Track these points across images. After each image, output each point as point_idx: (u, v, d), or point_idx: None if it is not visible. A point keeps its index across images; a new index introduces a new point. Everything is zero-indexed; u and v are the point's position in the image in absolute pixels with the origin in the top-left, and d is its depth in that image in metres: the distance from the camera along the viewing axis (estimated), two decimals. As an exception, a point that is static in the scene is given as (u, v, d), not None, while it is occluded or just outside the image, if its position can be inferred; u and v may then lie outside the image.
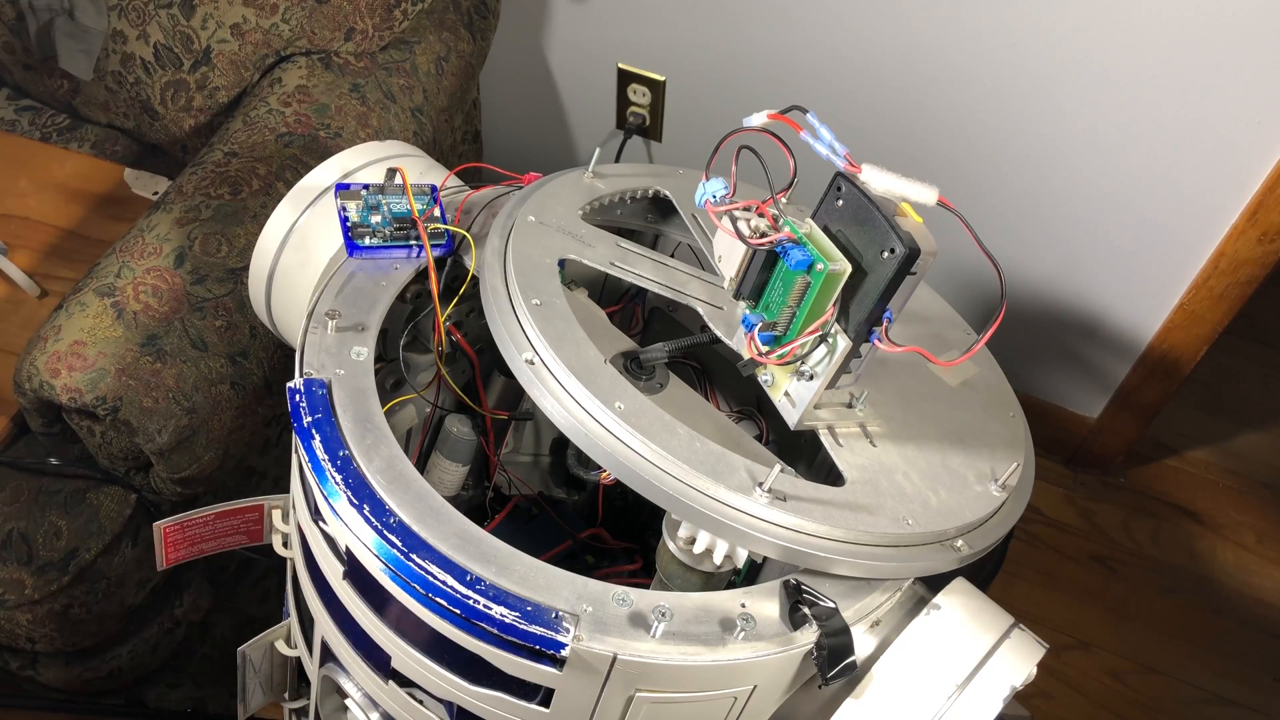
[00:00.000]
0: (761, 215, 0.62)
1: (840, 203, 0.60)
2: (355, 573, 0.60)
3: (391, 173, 0.74)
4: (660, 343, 0.67)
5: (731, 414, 0.86)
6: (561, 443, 0.86)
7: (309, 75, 1.15)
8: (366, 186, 0.73)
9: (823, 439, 0.64)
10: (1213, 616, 1.46)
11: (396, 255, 0.72)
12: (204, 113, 1.20)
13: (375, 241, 0.71)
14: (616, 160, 1.56)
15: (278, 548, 0.75)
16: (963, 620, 0.60)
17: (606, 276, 0.71)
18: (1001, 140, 1.33)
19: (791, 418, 0.64)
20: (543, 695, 0.57)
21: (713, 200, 0.62)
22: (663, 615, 0.53)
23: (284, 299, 0.76)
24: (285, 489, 0.73)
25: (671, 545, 0.63)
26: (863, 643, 0.59)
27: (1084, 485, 1.61)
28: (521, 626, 0.52)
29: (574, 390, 0.59)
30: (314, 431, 0.59)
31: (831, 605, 0.57)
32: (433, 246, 0.72)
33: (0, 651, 1.06)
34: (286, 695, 0.86)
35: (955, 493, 0.63)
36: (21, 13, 1.19)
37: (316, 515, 0.61)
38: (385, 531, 0.55)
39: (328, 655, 0.69)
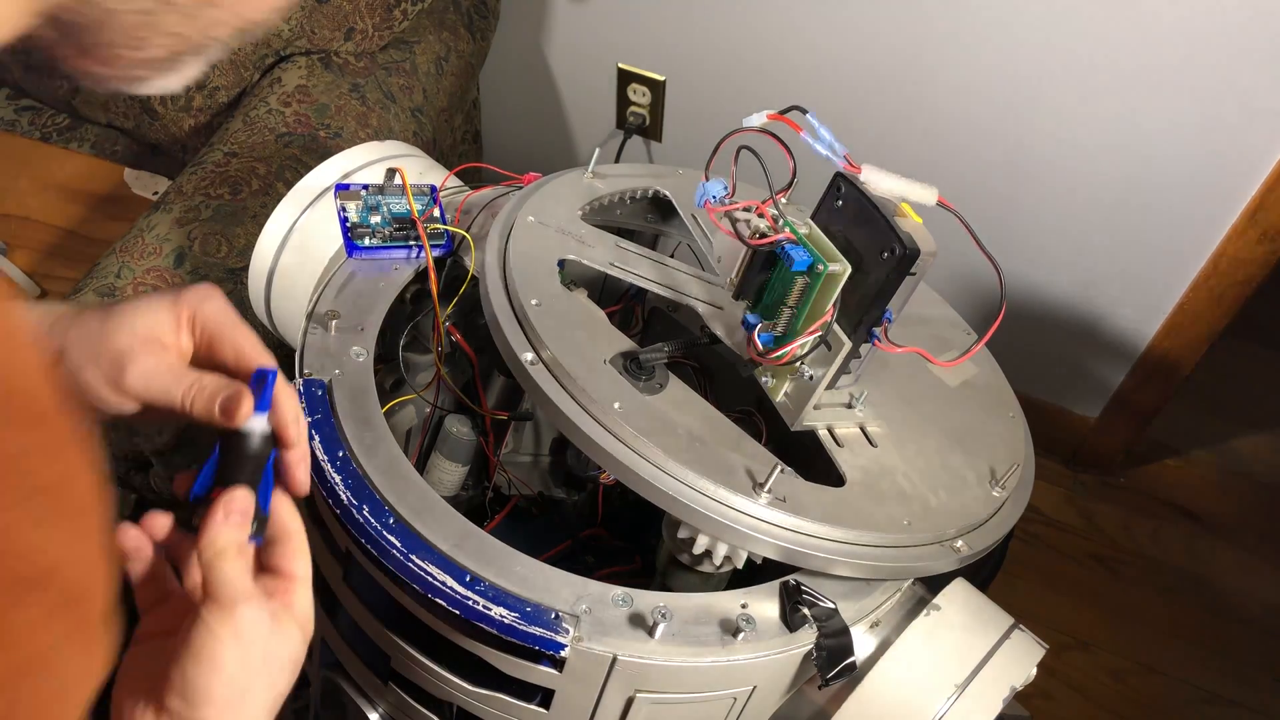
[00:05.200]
0: (761, 215, 0.62)
1: (840, 203, 0.60)
2: (355, 573, 0.60)
3: (391, 173, 0.74)
4: (660, 343, 0.67)
5: (731, 414, 0.86)
6: (561, 443, 0.86)
7: (309, 75, 1.15)
8: (366, 187, 0.73)
9: (822, 440, 0.64)
10: (1213, 616, 1.46)
11: (396, 255, 0.72)
12: (204, 113, 1.20)
13: (375, 242, 0.71)
14: (616, 160, 1.56)
15: (277, 548, 0.75)
16: (963, 621, 0.60)
17: (606, 276, 0.71)
18: (1001, 141, 1.33)
19: (791, 418, 0.64)
20: (542, 696, 0.57)
21: (712, 200, 0.62)
22: (663, 616, 0.53)
23: (284, 299, 0.76)
24: (285, 489, 0.73)
25: (671, 546, 0.63)
26: (863, 643, 0.59)
27: (1084, 485, 1.61)
28: (521, 627, 0.52)
29: (574, 390, 0.59)
30: (314, 432, 0.59)
31: (831, 606, 0.57)
32: (432, 246, 0.72)
33: (0, 651, 1.06)
34: (287, 695, 0.86)
35: (955, 493, 0.63)
36: (21, 13, 1.19)
37: (316, 515, 0.61)
38: (385, 532, 0.55)
39: (328, 655, 0.69)
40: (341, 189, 0.73)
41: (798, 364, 0.62)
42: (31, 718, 0.25)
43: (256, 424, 0.44)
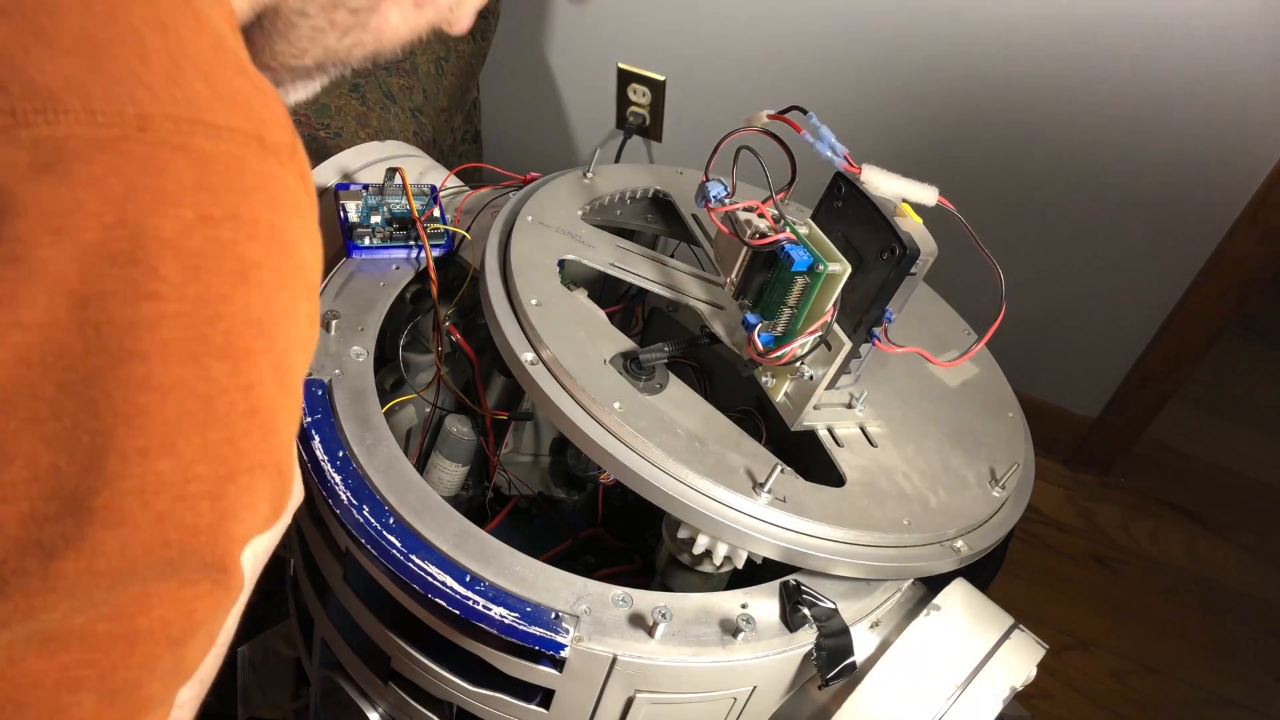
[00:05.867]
0: (761, 215, 0.62)
1: (840, 203, 0.60)
2: (354, 573, 0.60)
3: (391, 173, 0.74)
4: (660, 343, 0.67)
5: (731, 414, 0.86)
6: (561, 443, 0.86)
7: (309, 75, 1.15)
8: (366, 186, 0.73)
9: (822, 440, 0.64)
10: (1213, 616, 1.46)
11: (396, 255, 0.72)
12: (204, 113, 1.20)
13: (375, 241, 0.71)
14: (616, 160, 1.56)
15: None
16: (963, 621, 0.60)
17: (606, 276, 0.71)
18: (1002, 141, 1.33)
19: (791, 418, 0.64)
20: (542, 696, 0.57)
21: (712, 201, 0.62)
22: (663, 616, 0.53)
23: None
24: (285, 489, 0.73)
25: (671, 546, 0.63)
26: (863, 643, 0.59)
27: (1084, 485, 1.61)
28: (521, 627, 0.52)
29: (574, 390, 0.59)
30: (313, 432, 0.59)
31: (831, 606, 0.57)
32: (432, 246, 0.72)
33: (0, 651, 1.06)
34: (286, 696, 0.86)
35: (955, 493, 0.63)
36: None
37: (316, 516, 0.61)
38: (385, 532, 0.55)
39: (328, 655, 0.69)
40: (341, 189, 0.73)
41: (798, 364, 0.62)
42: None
43: None
